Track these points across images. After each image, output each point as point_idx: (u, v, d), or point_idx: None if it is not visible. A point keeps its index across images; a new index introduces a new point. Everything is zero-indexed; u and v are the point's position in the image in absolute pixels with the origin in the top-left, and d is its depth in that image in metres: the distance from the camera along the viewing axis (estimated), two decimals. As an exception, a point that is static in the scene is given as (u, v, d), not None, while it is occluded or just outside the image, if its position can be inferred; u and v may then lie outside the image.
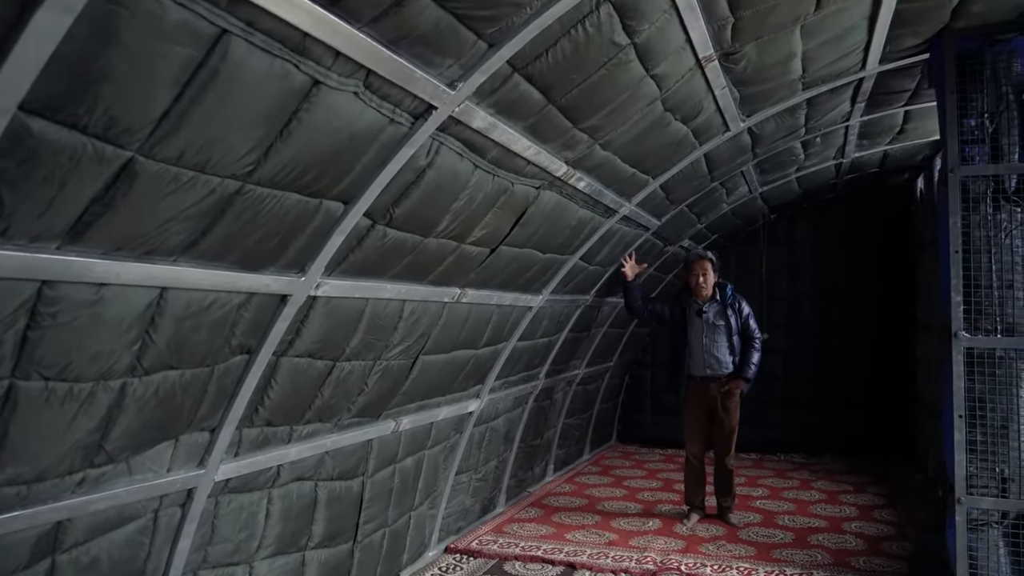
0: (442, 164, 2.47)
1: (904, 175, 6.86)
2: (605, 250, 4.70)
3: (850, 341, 7.52)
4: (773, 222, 7.70)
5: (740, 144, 4.28)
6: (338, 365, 2.86)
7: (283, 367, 2.60)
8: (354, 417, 3.23)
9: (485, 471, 5.00)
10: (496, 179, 2.84)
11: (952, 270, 3.36)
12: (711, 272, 5.08)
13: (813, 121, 4.36)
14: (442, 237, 2.85)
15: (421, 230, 2.70)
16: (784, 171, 5.54)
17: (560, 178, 3.23)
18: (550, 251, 3.88)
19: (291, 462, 2.93)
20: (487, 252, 3.27)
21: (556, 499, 5.80)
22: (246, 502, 2.78)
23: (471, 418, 4.47)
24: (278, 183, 1.96)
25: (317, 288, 2.46)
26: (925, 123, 4.96)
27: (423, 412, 3.82)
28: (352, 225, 2.35)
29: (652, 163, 3.80)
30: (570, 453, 6.92)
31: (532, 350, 4.95)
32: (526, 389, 5.28)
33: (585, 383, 6.75)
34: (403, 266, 2.81)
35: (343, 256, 2.49)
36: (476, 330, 3.83)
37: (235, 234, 1.98)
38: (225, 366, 2.33)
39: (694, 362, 5.13)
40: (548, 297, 4.49)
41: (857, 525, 5.10)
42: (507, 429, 5.22)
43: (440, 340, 3.50)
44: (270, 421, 2.71)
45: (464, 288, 3.42)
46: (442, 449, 4.27)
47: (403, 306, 3.05)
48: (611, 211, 4.13)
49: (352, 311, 2.75)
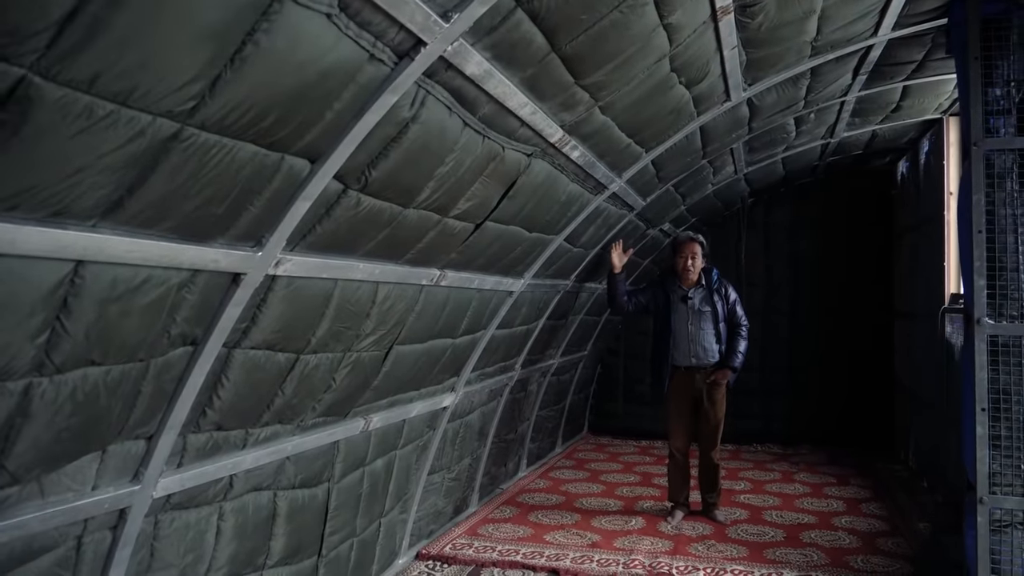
0: (428, 119, 2.07)
1: (885, 158, 6.68)
2: (590, 231, 4.36)
3: (827, 329, 7.35)
4: (750, 206, 7.46)
5: (737, 117, 3.97)
6: (302, 358, 2.45)
7: (236, 361, 2.18)
8: (319, 416, 2.82)
9: (458, 470, 4.63)
10: (487, 142, 2.45)
11: (975, 251, 3.10)
12: (700, 255, 4.79)
13: (813, 94, 4.07)
14: (424, 208, 2.46)
15: (401, 199, 2.30)
16: (772, 150, 5.26)
17: (554, 145, 2.85)
18: (536, 229, 3.51)
19: (246, 471, 2.52)
20: (471, 228, 2.88)
21: (531, 496, 5.47)
22: (192, 520, 2.36)
23: (445, 413, 4.09)
24: (228, 128, 1.54)
25: (277, 265, 2.04)
26: (922, 100, 4.74)
27: (395, 409, 3.43)
28: (320, 189, 1.94)
29: (649, 133, 3.45)
30: (543, 447, 6.60)
31: (510, 339, 4.59)
32: (502, 381, 4.92)
33: (559, 373, 6.42)
34: (378, 242, 2.41)
35: (309, 227, 2.07)
36: (455, 317, 3.45)
37: (173, 194, 1.55)
38: (163, 360, 1.90)
39: (678, 351, 4.83)
40: (530, 281, 4.13)
41: (847, 520, 4.88)
42: (481, 424, 4.86)
43: (416, 328, 3.11)
44: (221, 425, 2.29)
45: (444, 270, 3.03)
46: (414, 448, 3.88)
47: (376, 289, 2.65)
48: (601, 187, 3.78)
49: (319, 294, 2.34)
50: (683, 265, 4.78)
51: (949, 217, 5.22)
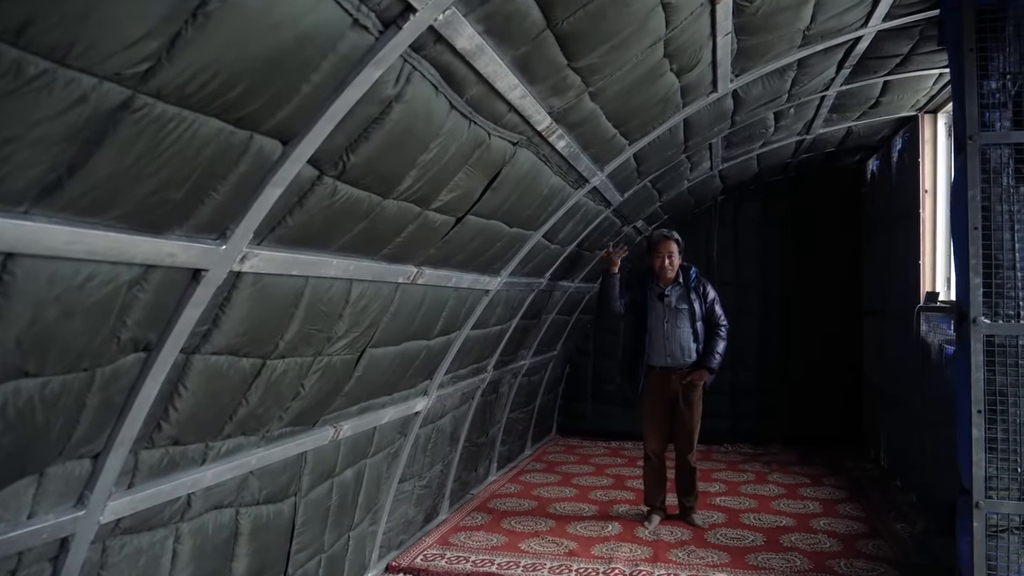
0: (414, 98, 1.86)
1: (856, 156, 6.66)
2: (568, 227, 4.18)
3: (797, 327, 7.33)
4: (720, 204, 7.40)
5: (722, 109, 3.83)
6: (268, 363, 2.22)
7: (195, 368, 1.94)
8: (286, 426, 2.59)
9: (430, 477, 4.42)
10: (473, 127, 2.25)
11: (971, 248, 3.01)
12: (676, 253, 4.65)
13: (798, 87, 3.97)
14: (404, 199, 2.24)
15: (380, 188, 2.09)
16: (749, 146, 5.17)
17: (541, 133, 2.67)
18: (517, 224, 3.32)
19: (206, 488, 2.27)
20: (452, 222, 2.67)
21: (503, 502, 5.28)
22: (145, 544, 2.11)
23: (417, 419, 3.88)
24: (189, 98, 1.31)
25: (243, 261, 1.81)
26: (901, 96, 4.68)
27: (366, 415, 3.20)
28: (293, 174, 1.72)
29: (635, 124, 3.29)
30: (513, 449, 6.42)
31: (484, 340, 4.39)
32: (474, 383, 4.72)
33: (530, 374, 6.25)
34: (354, 235, 2.19)
35: (279, 218, 1.85)
36: (430, 318, 3.24)
37: (122, 175, 1.32)
38: (112, 369, 1.66)
39: (654, 351, 4.70)
40: (506, 279, 3.94)
41: (825, 522, 4.81)
42: (453, 428, 4.65)
43: (391, 329, 2.89)
44: (178, 439, 2.05)
45: (421, 267, 2.82)
46: (385, 456, 3.66)
47: (350, 287, 2.42)
48: (582, 181, 3.60)
49: (288, 293, 2.12)
50: (659, 264, 4.64)
51: (924, 215, 5.20)
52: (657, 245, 4.67)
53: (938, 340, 4.84)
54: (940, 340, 4.82)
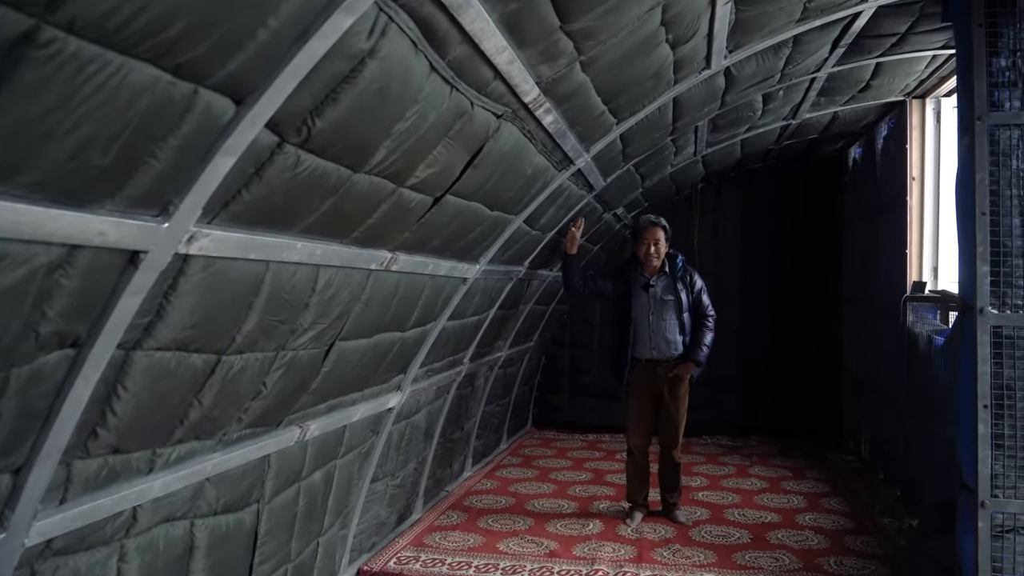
0: (390, 55, 1.62)
1: (838, 144, 6.54)
2: (550, 212, 3.96)
3: (776, 317, 7.21)
4: (700, 192, 7.24)
5: (713, 88, 3.64)
6: (225, 360, 1.97)
7: (137, 366, 1.68)
8: (247, 428, 2.34)
9: (403, 475, 4.19)
10: (455, 95, 2.01)
11: (978, 235, 2.84)
12: (663, 241, 4.46)
13: (791, 66, 3.79)
14: (377, 174, 2.00)
15: (351, 159, 1.84)
16: (735, 130, 4.99)
17: (527, 106, 2.43)
18: (498, 207, 3.09)
19: (154, 500, 2.02)
20: (429, 202, 2.43)
21: (479, 499, 5.07)
22: (84, 565, 1.86)
23: (390, 415, 3.64)
24: (112, 36, 1.05)
25: (190, 242, 1.56)
26: (892, 79, 4.53)
27: (335, 413, 2.96)
28: (248, 140, 1.47)
29: (625, 100, 3.07)
30: (488, 444, 6.21)
31: (461, 331, 4.16)
32: (449, 376, 4.49)
33: (506, 366, 6.04)
34: (321, 214, 1.94)
35: (233, 192, 1.60)
36: (405, 307, 3.00)
37: (29, 130, 1.07)
38: (31, 369, 1.40)
39: (639, 343, 4.51)
40: (485, 267, 3.71)
41: (811, 517, 4.68)
42: (428, 424, 4.42)
43: (362, 320, 2.64)
44: (118, 447, 1.79)
45: (396, 252, 2.58)
46: (356, 456, 3.42)
47: (317, 274, 2.18)
48: (567, 162, 3.38)
49: (246, 280, 1.86)
50: (645, 251, 4.44)
51: (911, 203, 5.08)
52: (643, 232, 4.47)
53: (926, 331, 4.72)
54: (928, 331, 4.70)
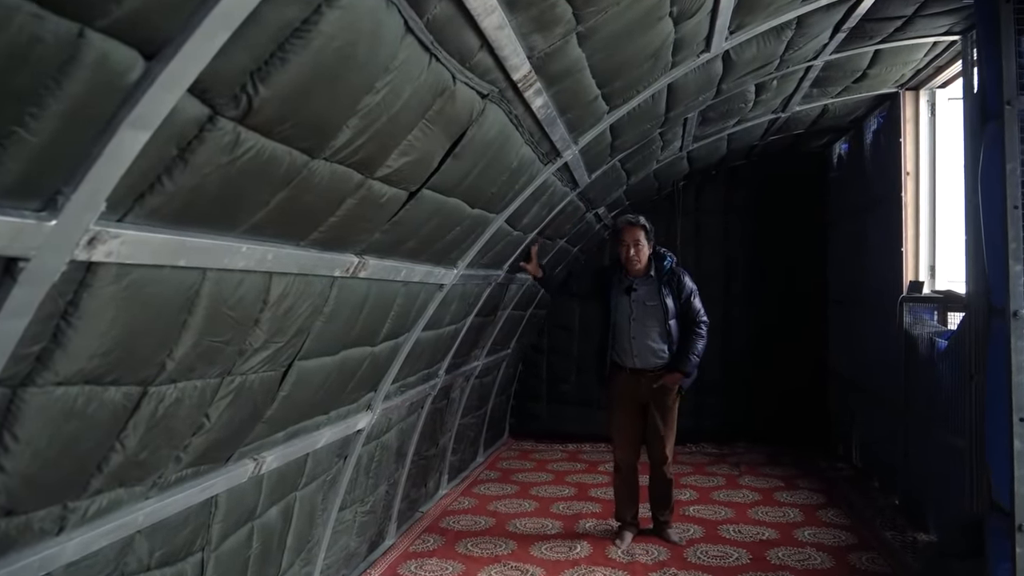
0: (354, 4, 1.26)
1: (823, 140, 6.32)
2: (533, 210, 3.62)
3: (760, 319, 6.97)
4: (682, 190, 6.97)
5: (709, 75, 3.34)
6: (153, 391, 1.59)
7: (29, 407, 1.30)
8: (187, 468, 1.96)
9: (374, 500, 3.81)
10: (435, 66, 1.66)
11: (1010, 231, 2.58)
12: (644, 241, 4.11)
13: (791, 51, 3.51)
14: (341, 161, 1.64)
15: (307, 141, 1.48)
16: (724, 123, 4.71)
17: (517, 84, 2.09)
18: (480, 204, 2.74)
19: (67, 565, 1.63)
20: (404, 196, 2.08)
21: (456, 520, 4.71)
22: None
23: (360, 437, 3.27)
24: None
25: (91, 245, 1.18)
26: (889, 69, 4.30)
27: (296, 441, 2.58)
28: (166, 110, 1.10)
29: (620, 84, 2.75)
30: (464, 458, 5.84)
31: (436, 342, 3.80)
32: (424, 391, 4.13)
33: (482, 375, 5.68)
34: (272, 211, 1.57)
35: (150, 179, 1.23)
36: (375, 319, 2.63)
37: None
38: None
39: (620, 351, 4.19)
40: (463, 271, 3.36)
41: (810, 532, 4.41)
42: (400, 443, 4.05)
43: (325, 336, 2.28)
44: (12, 508, 1.40)
45: (364, 256, 2.21)
46: (320, 485, 3.04)
47: (269, 283, 1.81)
48: (554, 154, 3.05)
49: (175, 293, 1.49)
50: (625, 254, 4.11)
51: (906, 198, 4.85)
52: (621, 233, 4.13)
53: (926, 332, 4.49)
54: (928, 333, 4.47)
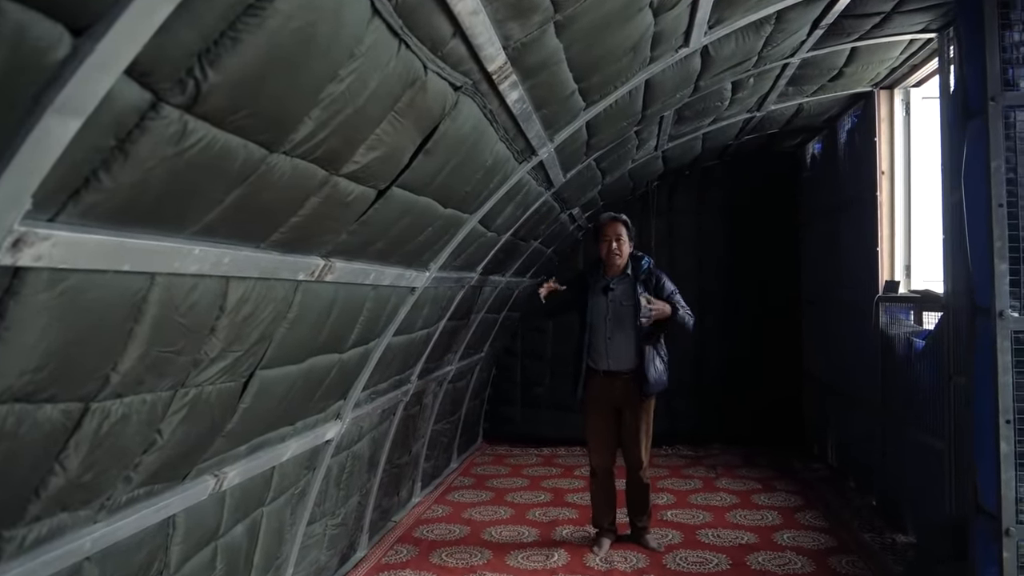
0: (314, -21, 1.15)
1: (797, 139, 6.31)
2: (507, 210, 3.52)
3: (734, 320, 6.94)
4: (655, 191, 6.91)
5: (687, 71, 3.26)
6: (95, 408, 1.45)
7: (-52, 428, 1.17)
8: (140, 488, 1.81)
9: (345, 512, 3.67)
10: (404, 52, 1.54)
11: (995, 229, 2.54)
12: (626, 237, 4.04)
13: (769, 47, 3.45)
14: (303, 156, 1.51)
15: (265, 133, 1.35)
16: (700, 122, 4.65)
17: (492, 76, 1.98)
18: (453, 204, 2.62)
19: (1, 599, 1.49)
20: (372, 195, 1.95)
21: (430, 529, 4.58)
22: None
23: (329, 448, 3.13)
24: None
25: (18, 247, 1.04)
26: (865, 67, 4.27)
27: (261, 454, 2.44)
28: (99, 92, 0.97)
29: (598, 79, 2.65)
30: (438, 464, 5.71)
31: (408, 347, 3.67)
32: (395, 397, 3.99)
33: (456, 380, 5.56)
34: (227, 209, 1.44)
35: (84, 174, 1.09)
36: (343, 324, 2.50)
37: None
38: None
39: (595, 353, 4.10)
40: (436, 274, 3.24)
41: (789, 536, 4.36)
42: (372, 451, 3.91)
43: (289, 343, 2.14)
44: (-69, 540, 1.26)
45: (330, 258, 2.09)
46: (288, 499, 2.90)
47: (226, 288, 1.67)
48: (530, 152, 2.94)
49: (119, 300, 1.35)
50: (607, 250, 4.03)
51: (881, 198, 4.83)
52: (604, 228, 4.06)
53: (903, 332, 4.47)
54: (905, 332, 4.46)
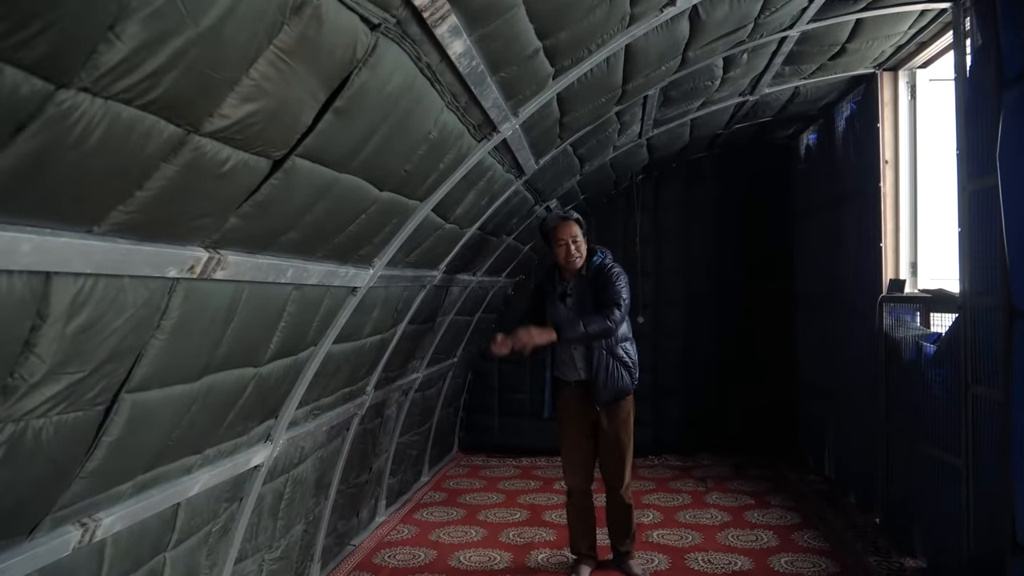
0: None
1: (790, 129, 5.91)
2: (469, 198, 3.07)
3: (723, 321, 6.52)
4: (640, 185, 6.49)
5: (675, 37, 2.83)
6: None
7: None
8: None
9: (287, 544, 3.21)
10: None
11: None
12: (581, 236, 3.56)
13: (767, 13, 3.03)
14: (124, 99, 1.06)
15: (59, 63, 0.90)
16: (688, 104, 4.22)
17: (421, 12, 1.54)
18: (391, 186, 2.17)
19: None
20: (266, 166, 1.50)
21: (393, 553, 4.14)
22: None
23: (258, 474, 2.67)
24: None
25: None
26: (870, 44, 3.87)
27: (154, 492, 1.98)
28: None
29: (566, 36, 2.21)
30: (406, 479, 5.26)
31: (357, 355, 3.21)
32: (347, 411, 3.54)
33: (424, 388, 5.11)
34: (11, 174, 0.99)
35: None
36: (254, 333, 2.05)
37: None
38: None
39: (562, 363, 3.68)
40: (383, 271, 2.79)
41: (787, 560, 3.94)
42: (320, 474, 3.46)
43: (171, 358, 1.68)
44: None
45: (217, 250, 1.63)
46: (203, 539, 2.44)
47: (46, 288, 1.22)
48: (489, 127, 2.50)
49: None
50: (564, 254, 3.54)
51: (885, 190, 4.43)
52: (556, 231, 3.55)
53: (910, 335, 4.07)
54: (913, 335, 4.05)
